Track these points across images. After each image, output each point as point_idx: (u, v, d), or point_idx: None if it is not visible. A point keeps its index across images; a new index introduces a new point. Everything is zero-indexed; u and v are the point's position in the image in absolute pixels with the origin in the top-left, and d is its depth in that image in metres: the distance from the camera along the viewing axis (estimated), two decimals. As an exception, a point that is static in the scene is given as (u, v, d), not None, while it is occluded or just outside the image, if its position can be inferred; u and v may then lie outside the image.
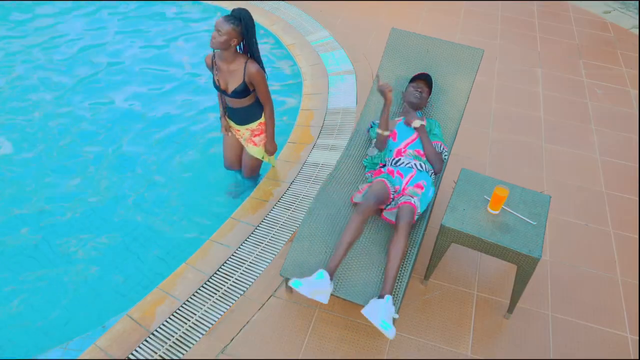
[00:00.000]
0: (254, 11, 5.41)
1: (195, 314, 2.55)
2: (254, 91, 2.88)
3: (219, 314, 2.55)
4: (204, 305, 2.59)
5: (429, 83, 2.98)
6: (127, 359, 2.34)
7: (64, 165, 3.61)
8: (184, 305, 2.59)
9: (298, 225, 3.05)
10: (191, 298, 2.62)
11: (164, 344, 2.41)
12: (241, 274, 2.77)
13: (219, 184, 3.55)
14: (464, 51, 3.16)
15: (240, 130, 3.10)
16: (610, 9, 6.20)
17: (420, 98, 2.89)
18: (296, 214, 3.15)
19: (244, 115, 2.98)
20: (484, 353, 2.48)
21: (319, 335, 2.48)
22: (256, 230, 3.04)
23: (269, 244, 2.95)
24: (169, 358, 2.35)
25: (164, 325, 2.49)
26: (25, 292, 2.79)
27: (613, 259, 3.05)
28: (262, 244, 2.95)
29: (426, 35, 3.26)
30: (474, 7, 5.92)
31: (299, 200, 3.25)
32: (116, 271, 2.93)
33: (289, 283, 2.29)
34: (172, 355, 2.36)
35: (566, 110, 4.36)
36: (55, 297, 2.77)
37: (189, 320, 2.52)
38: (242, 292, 2.66)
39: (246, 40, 2.69)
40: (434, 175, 2.78)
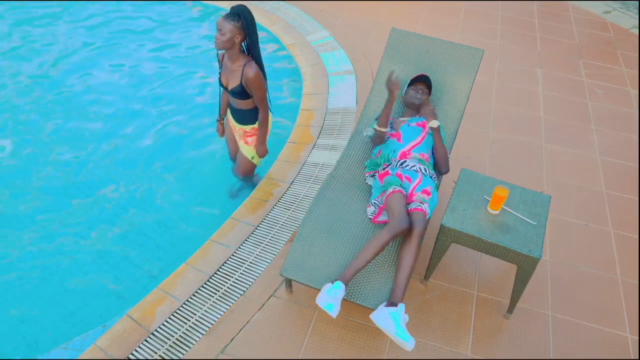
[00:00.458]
0: (254, 11, 5.38)
1: (195, 314, 2.55)
2: (251, 97, 2.87)
3: (219, 314, 2.55)
4: (204, 305, 2.59)
5: (428, 84, 2.97)
6: (127, 359, 2.34)
7: (63, 165, 3.61)
8: (184, 305, 2.59)
9: (298, 225, 3.05)
10: (191, 298, 2.63)
11: (164, 344, 2.41)
12: (241, 274, 2.77)
13: (219, 184, 3.55)
14: (464, 51, 3.16)
15: (235, 127, 3.11)
16: (610, 9, 6.20)
17: (420, 100, 2.89)
18: (296, 214, 3.15)
19: (242, 116, 2.98)
20: (484, 353, 2.48)
21: (319, 335, 2.48)
22: (256, 230, 3.04)
23: (269, 244, 2.95)
24: (169, 358, 2.35)
25: (164, 325, 2.49)
26: (25, 292, 2.79)
27: (613, 259, 3.05)
28: (262, 244, 2.95)
29: (426, 35, 3.26)
30: (474, 7, 5.92)
31: (299, 200, 3.25)
32: (116, 271, 2.93)
33: (322, 307, 2.19)
34: (172, 355, 2.36)
35: (566, 110, 4.36)
36: (55, 297, 2.77)
37: (189, 320, 2.52)
38: (242, 292, 2.66)
39: (248, 36, 2.67)
40: (436, 179, 2.77)
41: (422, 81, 2.97)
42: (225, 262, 2.83)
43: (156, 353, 2.37)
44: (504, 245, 2.33)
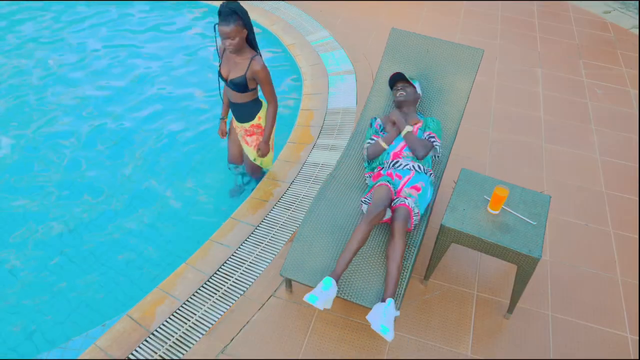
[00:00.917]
0: (254, 11, 5.42)
1: (195, 314, 2.55)
2: (253, 90, 2.89)
3: (219, 314, 2.55)
4: (204, 305, 2.59)
5: (406, 79, 2.95)
6: (127, 359, 2.34)
7: (63, 164, 3.61)
8: (184, 305, 2.59)
9: (298, 225, 3.05)
10: (191, 298, 2.63)
11: (164, 344, 2.41)
12: (241, 274, 2.77)
13: (219, 183, 3.55)
14: (464, 51, 3.16)
15: (237, 127, 3.11)
16: (610, 9, 6.20)
17: (406, 96, 2.87)
18: (296, 214, 3.15)
19: (240, 112, 2.98)
20: (484, 353, 2.48)
21: (319, 335, 2.48)
22: (256, 230, 3.04)
23: (269, 244, 2.95)
24: (169, 358, 2.35)
25: (164, 325, 2.49)
26: (25, 293, 2.79)
27: (613, 259, 3.05)
28: (262, 244, 2.95)
29: (426, 35, 3.26)
30: (474, 7, 5.92)
31: (299, 200, 3.25)
32: (116, 271, 2.93)
33: (305, 299, 2.23)
34: (172, 355, 2.36)
35: (566, 110, 4.36)
36: (55, 297, 2.77)
37: (189, 320, 2.52)
38: (242, 292, 2.66)
39: (248, 29, 2.65)
40: (433, 176, 2.78)
41: (398, 79, 2.97)
42: (225, 262, 2.83)
43: (156, 353, 2.37)
44: (504, 245, 2.33)
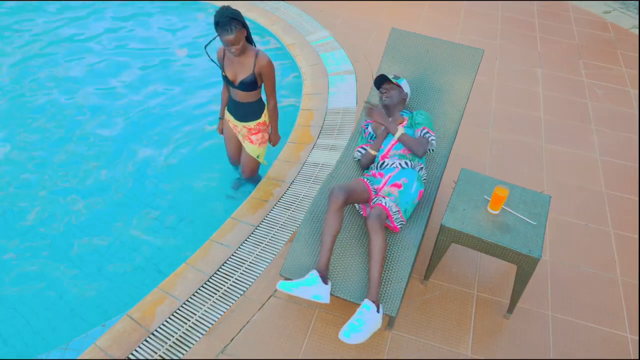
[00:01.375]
0: (254, 11, 5.42)
1: (195, 314, 2.55)
2: (260, 87, 2.90)
3: (219, 314, 2.55)
4: (204, 305, 2.59)
5: (389, 80, 2.92)
6: (127, 359, 2.34)
7: (62, 164, 3.61)
8: (184, 305, 2.59)
9: (298, 225, 3.05)
10: (191, 298, 2.63)
11: (164, 344, 2.41)
12: (241, 274, 2.77)
13: (219, 183, 3.55)
14: (464, 51, 3.16)
15: (237, 126, 3.10)
16: (610, 9, 6.20)
17: (391, 99, 2.85)
18: (296, 214, 3.15)
19: (246, 111, 2.98)
20: (484, 353, 2.49)
21: (319, 335, 2.48)
22: (256, 230, 3.04)
23: (269, 244, 2.95)
24: (169, 358, 2.35)
25: (164, 325, 2.49)
26: (25, 293, 2.79)
27: (613, 259, 3.05)
28: (262, 244, 2.95)
29: (426, 35, 3.26)
30: (474, 7, 5.92)
31: (299, 200, 3.25)
32: (116, 271, 2.93)
33: (276, 286, 2.24)
34: (172, 355, 2.36)
35: (566, 110, 4.36)
36: (55, 298, 2.77)
37: (189, 320, 2.52)
38: (242, 292, 2.66)
39: (246, 27, 2.69)
40: (422, 170, 2.74)
41: (382, 81, 2.96)
42: (225, 262, 2.83)
43: (156, 353, 2.37)
44: (504, 245, 2.33)
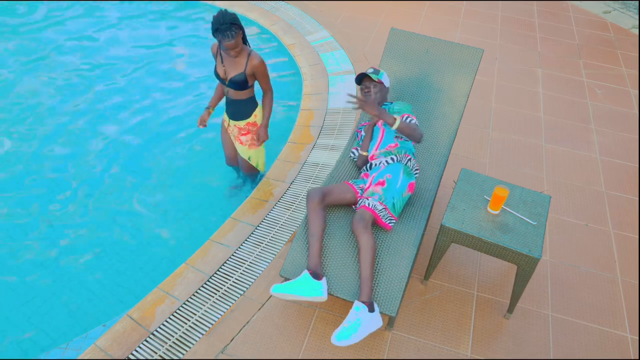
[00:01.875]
0: (254, 11, 5.42)
1: (195, 314, 2.55)
2: (252, 86, 2.92)
3: (219, 314, 2.55)
4: (204, 305, 2.59)
5: (370, 77, 2.87)
6: (127, 359, 2.34)
7: (62, 164, 3.61)
8: (184, 305, 2.59)
9: (298, 225, 3.05)
10: (191, 298, 2.63)
11: (164, 344, 2.41)
12: (241, 274, 2.77)
13: (219, 183, 3.55)
14: (464, 51, 3.16)
15: (230, 125, 3.13)
16: (610, 9, 6.20)
17: (372, 96, 2.82)
18: (296, 214, 3.15)
19: (236, 109, 3.00)
20: (484, 353, 2.48)
21: (319, 335, 2.48)
22: (256, 230, 3.04)
23: (269, 244, 2.95)
24: (169, 358, 2.35)
25: (164, 325, 2.49)
26: (25, 293, 2.79)
27: (613, 259, 3.05)
28: (262, 244, 2.95)
29: (426, 35, 3.26)
30: (474, 7, 5.92)
31: (299, 200, 3.25)
32: (116, 271, 2.93)
33: (270, 291, 2.26)
34: (172, 355, 2.36)
35: (566, 110, 4.36)
36: (55, 298, 2.77)
37: (189, 320, 2.52)
38: (242, 292, 2.66)
39: (242, 30, 2.74)
40: (411, 161, 2.70)
41: (362, 77, 2.90)
42: (225, 262, 2.83)
43: (156, 353, 2.37)
44: (504, 245, 2.33)
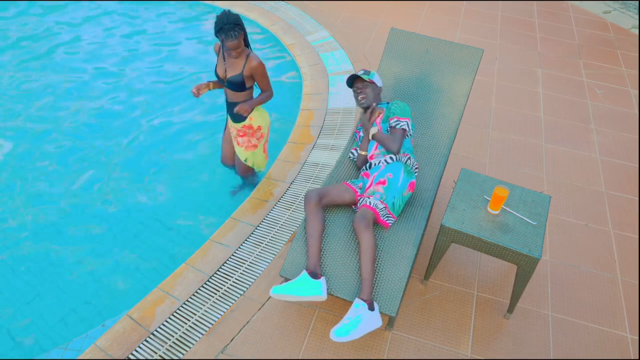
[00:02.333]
0: (254, 11, 5.42)
1: (195, 314, 2.55)
2: (249, 89, 2.91)
3: (219, 314, 2.55)
4: (204, 305, 2.59)
5: (362, 80, 2.87)
6: (127, 359, 2.34)
7: (62, 164, 3.61)
8: (184, 305, 2.59)
9: (298, 225, 3.05)
10: (191, 298, 2.63)
11: (164, 344, 2.41)
12: (241, 274, 2.77)
13: (219, 183, 3.55)
14: (464, 51, 3.16)
15: (231, 127, 3.14)
16: (610, 9, 6.20)
17: (367, 99, 2.83)
18: (296, 214, 3.15)
19: (233, 112, 3.00)
20: (484, 353, 2.48)
21: (319, 335, 2.48)
22: (256, 230, 3.04)
23: (269, 244, 2.95)
24: (169, 358, 2.35)
25: (164, 325, 2.49)
26: (25, 293, 2.79)
27: (613, 259, 3.05)
28: (262, 244, 2.95)
29: (426, 35, 3.26)
30: (474, 7, 5.92)
31: (299, 200, 3.25)
32: (116, 271, 2.93)
33: (270, 293, 2.27)
34: (172, 355, 2.36)
35: (566, 110, 4.36)
36: (55, 298, 2.77)
37: (189, 320, 2.52)
38: (242, 292, 2.66)
39: (244, 31, 2.74)
40: (410, 160, 2.71)
41: (354, 79, 2.89)
42: (225, 262, 2.83)
43: (156, 353, 2.37)
44: (504, 245, 2.33)
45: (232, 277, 2.74)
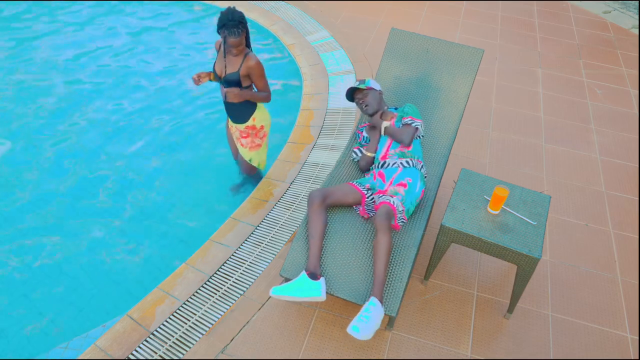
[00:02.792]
0: (254, 11, 5.42)
1: (195, 314, 2.55)
2: (247, 88, 2.89)
3: (219, 314, 2.55)
4: (204, 305, 2.59)
5: (360, 90, 2.89)
6: (127, 359, 2.34)
7: (62, 164, 3.61)
8: (184, 305, 2.59)
9: (298, 225, 3.05)
10: (191, 298, 2.63)
11: (164, 344, 2.41)
12: (241, 274, 2.77)
13: (219, 183, 3.55)
14: (464, 51, 3.16)
15: (233, 127, 3.13)
16: (610, 9, 6.20)
17: (369, 106, 2.83)
18: (296, 214, 3.15)
19: (234, 112, 3.00)
20: (484, 353, 2.49)
21: (319, 335, 2.48)
22: (256, 230, 3.04)
23: (269, 244, 2.95)
24: (169, 358, 2.35)
25: (164, 325, 2.49)
26: (25, 293, 2.79)
27: (613, 259, 3.05)
28: (262, 244, 2.95)
29: (426, 35, 3.26)
30: (474, 7, 5.92)
31: (299, 200, 3.25)
32: (116, 271, 2.93)
33: (270, 293, 2.27)
34: (172, 355, 2.36)
35: (566, 110, 4.36)
36: (55, 298, 2.77)
37: (189, 320, 2.52)
38: (242, 292, 2.66)
39: (247, 30, 2.75)
40: (424, 169, 2.75)
41: (353, 91, 2.92)
42: (225, 262, 2.83)
43: (156, 353, 2.37)
44: (504, 245, 2.33)
45: (232, 277, 2.74)
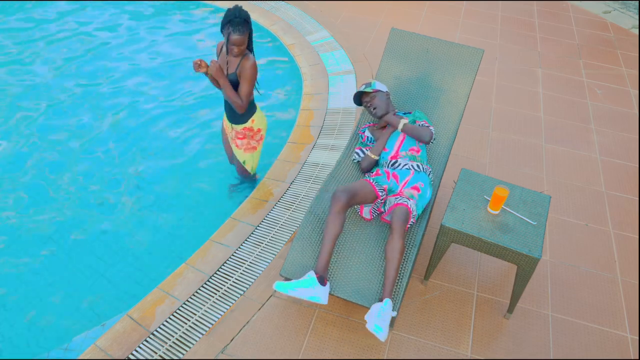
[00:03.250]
0: (254, 11, 5.42)
1: (195, 314, 2.55)
2: None
3: (219, 314, 2.55)
4: (204, 305, 2.59)
5: (367, 93, 2.90)
6: (127, 359, 2.34)
7: (62, 164, 3.61)
8: (184, 305, 2.59)
9: (298, 225, 3.05)
10: (191, 298, 2.63)
11: (164, 344, 2.41)
12: (241, 274, 2.77)
13: (219, 183, 3.55)
14: (464, 51, 3.16)
15: (228, 127, 3.13)
16: (610, 9, 6.20)
17: (379, 108, 2.84)
18: (296, 214, 3.15)
19: (232, 112, 2.98)
20: (484, 353, 2.48)
21: (319, 335, 2.48)
22: (256, 230, 3.04)
23: (269, 244, 2.95)
24: (169, 358, 2.35)
25: (164, 325, 2.49)
26: (25, 293, 2.79)
27: (613, 259, 3.05)
28: (262, 244, 2.95)
29: (426, 35, 3.26)
30: (474, 7, 5.92)
31: (299, 200, 3.25)
32: (116, 271, 2.93)
33: (273, 287, 2.27)
34: (172, 355, 2.36)
35: (566, 110, 4.36)
36: (55, 298, 2.77)
37: (189, 320, 2.52)
38: (242, 292, 2.66)
39: (251, 31, 2.71)
40: (431, 174, 2.79)
41: (361, 95, 2.93)
42: (225, 262, 2.83)
43: (156, 353, 2.37)
44: (504, 245, 2.33)
45: (232, 277, 2.74)
